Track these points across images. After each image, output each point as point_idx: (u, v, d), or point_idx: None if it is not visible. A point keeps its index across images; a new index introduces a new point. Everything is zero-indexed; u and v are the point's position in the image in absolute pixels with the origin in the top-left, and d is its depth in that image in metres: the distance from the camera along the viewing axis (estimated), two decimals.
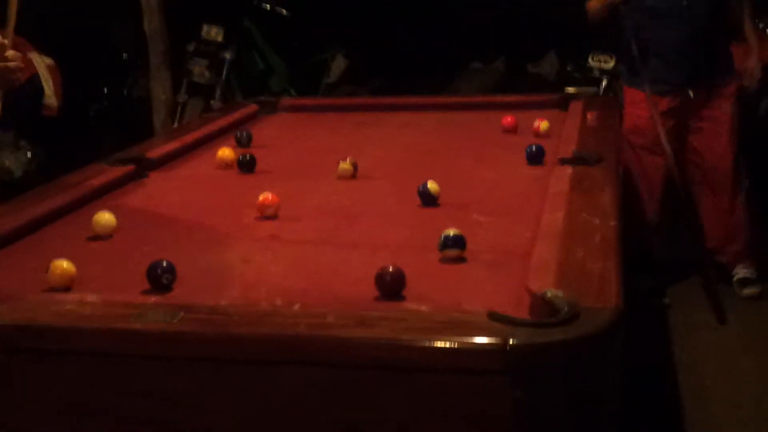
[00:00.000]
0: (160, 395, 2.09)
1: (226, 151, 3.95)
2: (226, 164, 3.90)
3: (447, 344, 1.96)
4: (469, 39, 8.43)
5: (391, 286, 2.33)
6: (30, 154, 6.61)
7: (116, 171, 3.66)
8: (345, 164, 3.65)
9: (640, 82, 5.23)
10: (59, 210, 3.19)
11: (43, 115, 5.90)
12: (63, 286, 2.45)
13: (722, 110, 5.21)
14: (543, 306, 2.11)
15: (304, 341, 2.05)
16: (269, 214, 3.12)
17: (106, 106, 8.10)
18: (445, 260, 2.61)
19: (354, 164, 3.66)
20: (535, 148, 3.74)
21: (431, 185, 3.22)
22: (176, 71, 7.33)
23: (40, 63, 6.05)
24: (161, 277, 2.43)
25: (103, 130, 7.82)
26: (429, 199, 3.21)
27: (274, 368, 2.04)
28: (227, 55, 7.84)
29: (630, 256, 5.42)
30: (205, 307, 2.22)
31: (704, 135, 5.29)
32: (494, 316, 2.03)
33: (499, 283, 2.43)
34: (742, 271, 5.38)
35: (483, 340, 1.94)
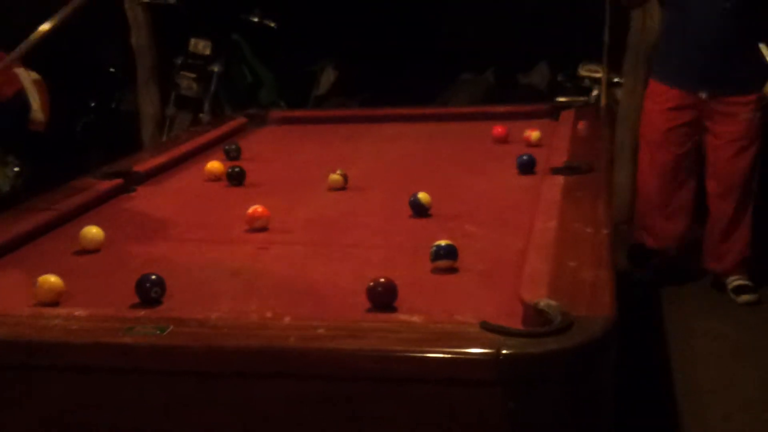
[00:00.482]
0: (150, 409, 2.08)
1: (215, 164, 3.94)
2: (215, 177, 3.88)
3: (439, 355, 1.95)
4: (459, 50, 8.43)
5: (383, 297, 2.31)
6: (17, 169, 6.60)
7: (104, 185, 3.64)
8: (335, 176, 3.64)
9: (657, 73, 5.35)
10: (47, 224, 3.17)
11: (30, 129, 5.88)
12: (51, 301, 2.43)
13: (739, 118, 5.18)
14: (536, 316, 2.10)
15: (295, 354, 2.03)
16: (259, 227, 3.11)
17: (93, 120, 8.08)
18: (436, 271, 2.60)
19: (344, 176, 3.65)
20: (526, 157, 3.73)
21: (422, 196, 3.20)
22: (164, 85, 7.32)
23: (27, 78, 6.03)
24: (150, 291, 2.41)
25: (90, 144, 7.81)
26: (420, 210, 3.20)
27: (265, 381, 2.03)
28: (215, 69, 7.82)
29: (630, 248, 5.57)
30: (195, 320, 2.21)
31: (718, 140, 5.27)
32: (487, 327, 2.02)
33: (491, 294, 2.42)
34: (737, 279, 5.38)
35: (475, 351, 1.93)
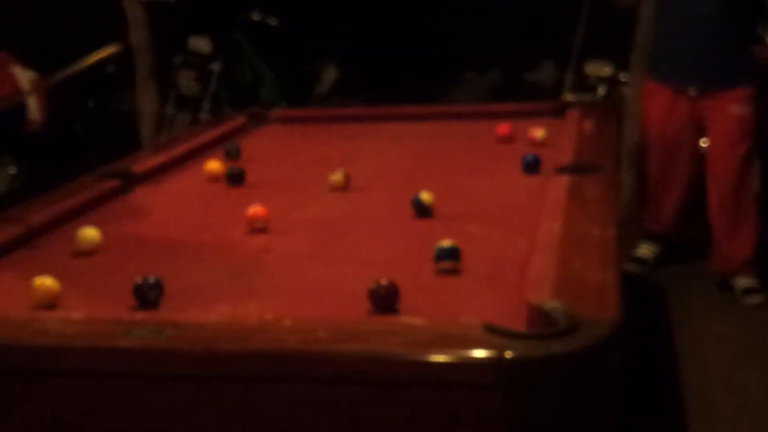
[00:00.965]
0: (148, 413, 2.06)
1: (214, 164, 3.92)
2: (214, 177, 3.86)
3: (442, 358, 1.93)
4: (463, 48, 8.43)
5: (385, 300, 2.30)
6: (14, 170, 6.59)
7: (102, 186, 3.62)
8: (336, 176, 3.62)
9: (650, 72, 5.51)
10: (43, 226, 3.15)
11: (27, 130, 5.86)
12: (47, 304, 2.42)
13: (728, 112, 5.24)
14: (540, 318, 2.08)
15: (296, 357, 2.01)
16: (259, 228, 3.09)
17: (92, 120, 8.07)
18: (440, 272, 2.58)
19: (346, 176, 3.63)
20: (531, 157, 3.71)
21: (425, 196, 3.18)
22: (163, 84, 7.32)
23: (24, 77, 6.02)
24: (148, 294, 2.39)
25: (89, 144, 7.80)
26: (423, 211, 3.18)
27: (265, 385, 2.01)
28: (215, 68, 7.83)
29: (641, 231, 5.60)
30: (193, 323, 2.19)
31: (711, 135, 5.36)
32: (490, 329, 2.00)
33: (495, 295, 2.40)
34: (744, 280, 5.38)
35: (479, 354, 1.91)
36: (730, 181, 5.29)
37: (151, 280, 2.41)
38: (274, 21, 8.17)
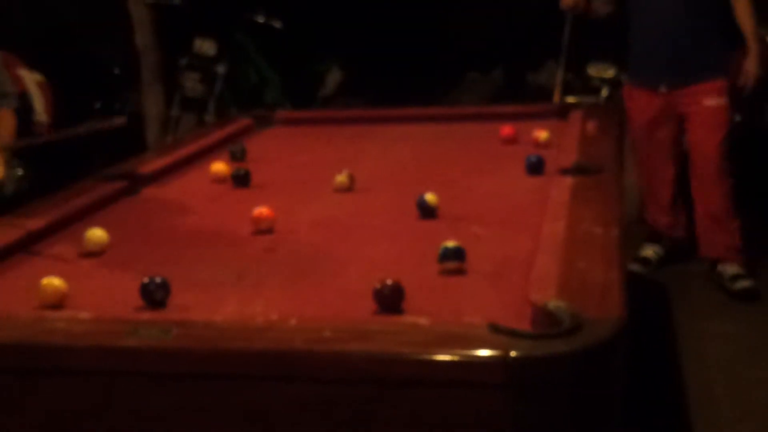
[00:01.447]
0: (154, 412, 2.06)
1: (220, 166, 3.93)
2: (220, 178, 3.87)
3: (447, 357, 1.94)
4: (466, 49, 8.42)
5: (390, 299, 2.30)
6: (21, 171, 6.59)
7: (108, 187, 3.63)
8: (341, 177, 3.62)
9: (628, 74, 5.58)
10: (51, 227, 3.16)
11: (34, 132, 5.88)
12: (54, 304, 2.43)
13: (704, 105, 5.30)
14: (544, 317, 2.09)
15: (301, 356, 2.02)
16: (264, 228, 3.09)
17: (98, 121, 8.07)
18: (444, 273, 2.58)
19: (350, 177, 3.63)
20: (534, 158, 3.71)
21: (429, 197, 3.19)
22: (169, 86, 7.32)
23: (30, 79, 6.03)
24: (154, 293, 2.40)
25: (94, 146, 7.80)
26: (427, 211, 3.18)
27: (271, 384, 2.02)
28: (220, 69, 7.82)
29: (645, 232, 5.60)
30: (200, 323, 2.21)
31: (689, 128, 5.41)
32: (495, 328, 2.00)
33: (499, 295, 2.41)
34: (731, 266, 5.45)
35: (483, 353, 1.92)
36: (709, 170, 5.35)
37: (157, 280, 2.41)
38: (278, 23, 8.17)
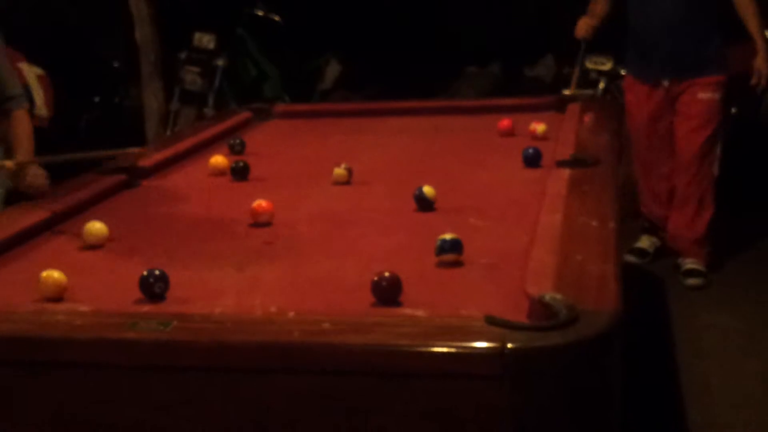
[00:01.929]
0: (154, 405, 2.08)
1: (219, 159, 3.93)
2: (219, 172, 3.88)
3: (444, 349, 1.95)
4: (464, 43, 8.42)
5: (388, 292, 2.31)
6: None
7: (108, 180, 3.64)
8: (340, 170, 3.63)
9: (628, 67, 5.57)
10: (50, 220, 3.17)
11: (34, 125, 5.88)
12: (55, 297, 2.43)
13: (698, 98, 5.30)
14: (541, 309, 2.09)
15: (300, 348, 2.03)
16: (263, 221, 3.10)
17: (97, 115, 8.07)
18: (441, 265, 2.59)
19: (349, 170, 3.64)
20: (532, 150, 3.72)
21: (427, 190, 3.20)
22: (168, 79, 7.32)
23: (30, 73, 6.03)
24: (154, 286, 2.41)
25: (94, 139, 7.80)
26: (425, 204, 3.19)
27: (270, 376, 2.03)
28: (219, 63, 7.82)
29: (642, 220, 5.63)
30: (199, 315, 2.21)
31: (679, 118, 5.40)
32: (491, 321, 2.01)
33: (496, 287, 2.41)
34: (689, 261, 5.47)
35: (480, 345, 1.93)
36: (692, 163, 5.36)
37: (156, 273, 2.42)
38: (277, 17, 8.18)
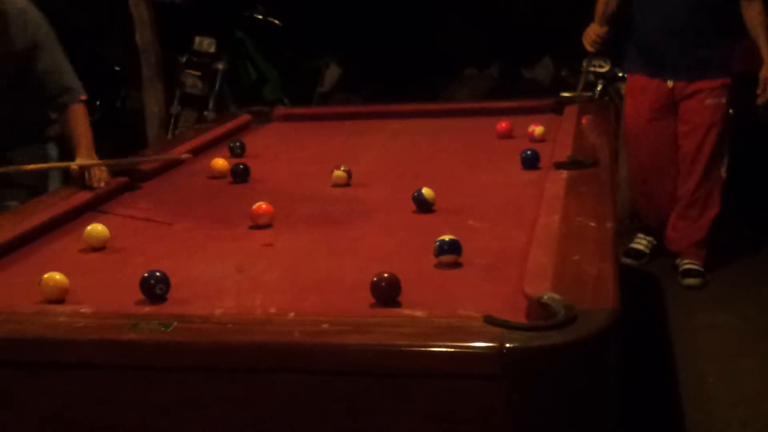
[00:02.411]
0: (155, 405, 2.09)
1: (219, 161, 3.94)
2: (219, 174, 3.89)
3: (443, 349, 1.96)
4: (462, 45, 8.43)
5: (387, 292, 2.32)
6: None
7: (109, 182, 3.64)
8: (339, 172, 3.64)
9: (631, 66, 5.52)
10: (52, 222, 3.18)
11: None
12: (56, 299, 2.44)
13: (704, 103, 5.29)
14: (539, 309, 2.10)
15: (300, 349, 2.04)
16: (263, 223, 3.11)
17: (98, 118, 8.07)
18: (440, 266, 2.60)
19: (348, 172, 3.65)
20: (530, 152, 3.73)
21: (426, 191, 3.21)
22: (169, 83, 7.31)
23: None
24: (155, 288, 2.41)
25: (96, 142, 7.80)
26: (424, 206, 3.20)
27: (270, 377, 2.04)
28: (220, 66, 7.83)
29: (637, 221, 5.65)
30: (199, 316, 2.22)
31: (685, 126, 5.38)
32: (490, 320, 2.02)
33: (495, 288, 2.42)
34: (688, 262, 5.48)
35: (479, 345, 1.94)
36: (700, 170, 5.35)
37: (157, 274, 2.43)
38: (277, 20, 8.19)
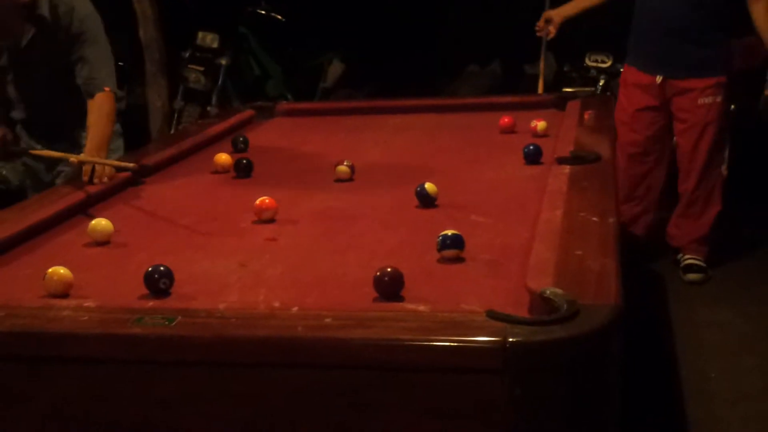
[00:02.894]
0: (159, 400, 2.09)
1: (222, 156, 3.95)
2: (223, 169, 3.89)
3: (446, 344, 1.96)
4: (465, 42, 8.42)
5: (390, 287, 2.32)
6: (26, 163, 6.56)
7: (113, 178, 3.64)
8: (342, 167, 3.65)
9: (628, 57, 5.54)
10: (56, 217, 3.19)
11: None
12: (60, 293, 2.45)
13: (698, 102, 5.29)
14: (542, 304, 2.11)
15: (303, 343, 2.04)
16: (267, 218, 3.12)
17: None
18: (443, 260, 2.60)
19: (351, 167, 3.66)
20: (532, 147, 3.73)
21: (429, 186, 3.21)
22: (172, 78, 7.32)
23: None
24: (159, 282, 2.42)
25: None
26: (427, 201, 3.20)
27: (273, 371, 2.04)
28: (223, 62, 7.83)
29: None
30: (203, 311, 2.22)
31: (681, 125, 5.39)
32: (493, 315, 2.03)
33: (497, 283, 2.42)
34: (690, 257, 5.50)
35: (482, 339, 1.94)
36: (699, 169, 5.36)
37: (161, 269, 2.43)
38: (280, 15, 8.19)
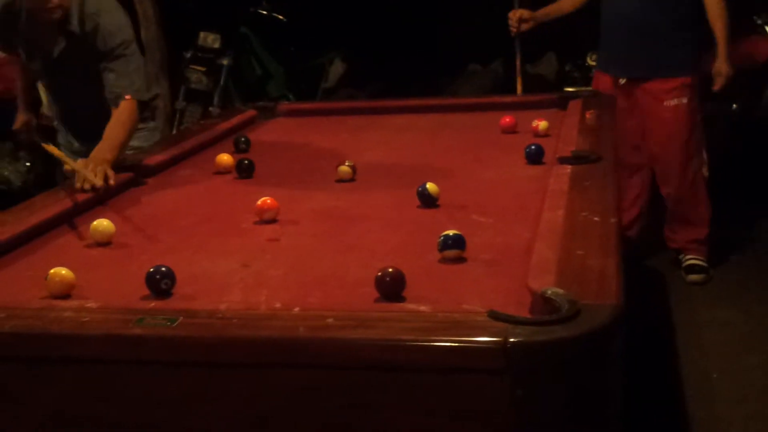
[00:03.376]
0: (160, 400, 2.09)
1: (224, 157, 3.95)
2: (224, 169, 3.89)
3: (447, 344, 1.96)
4: (466, 41, 8.42)
5: (391, 287, 2.32)
6: (28, 164, 6.58)
7: (115, 178, 3.64)
8: (344, 167, 3.65)
9: (597, 60, 5.65)
10: (58, 218, 3.19)
11: (41, 125, 5.89)
12: (62, 294, 2.45)
13: (662, 106, 5.31)
14: (543, 304, 2.10)
15: (305, 344, 2.04)
16: (268, 218, 3.12)
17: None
18: (444, 261, 2.60)
19: (353, 167, 3.66)
20: (534, 147, 3.73)
21: (430, 186, 3.21)
22: (174, 79, 7.33)
23: None
24: (160, 283, 2.42)
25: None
26: (428, 201, 3.20)
27: (275, 372, 2.04)
28: (225, 62, 7.84)
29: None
30: (205, 311, 2.22)
31: (649, 128, 5.41)
32: (494, 315, 2.02)
33: (499, 283, 2.42)
34: (690, 258, 5.48)
35: (483, 339, 1.94)
36: (675, 170, 5.36)
37: (163, 269, 2.43)
38: (281, 15, 8.20)
